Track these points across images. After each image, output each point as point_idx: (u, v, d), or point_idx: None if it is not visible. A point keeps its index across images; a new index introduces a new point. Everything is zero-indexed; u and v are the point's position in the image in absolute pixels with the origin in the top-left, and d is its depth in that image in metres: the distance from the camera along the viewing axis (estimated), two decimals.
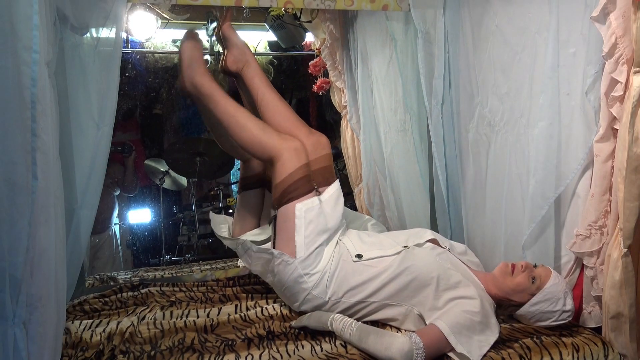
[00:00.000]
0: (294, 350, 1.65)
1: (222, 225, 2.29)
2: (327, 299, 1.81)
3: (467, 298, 1.65)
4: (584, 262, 1.76)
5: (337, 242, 1.93)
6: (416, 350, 1.50)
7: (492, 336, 1.61)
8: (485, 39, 2.14)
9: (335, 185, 2.02)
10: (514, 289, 1.72)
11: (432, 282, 1.70)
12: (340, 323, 1.69)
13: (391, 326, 1.82)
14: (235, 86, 4.23)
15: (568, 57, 1.74)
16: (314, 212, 1.86)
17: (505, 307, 1.80)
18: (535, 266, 1.76)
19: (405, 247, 1.86)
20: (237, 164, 4.54)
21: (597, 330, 1.71)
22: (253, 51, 4.05)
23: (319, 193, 1.92)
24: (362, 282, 1.80)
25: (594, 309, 1.77)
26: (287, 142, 1.95)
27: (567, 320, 1.72)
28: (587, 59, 1.67)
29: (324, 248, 1.87)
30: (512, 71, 2.01)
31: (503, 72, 2.05)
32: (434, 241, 1.94)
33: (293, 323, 1.81)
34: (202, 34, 3.57)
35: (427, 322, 1.68)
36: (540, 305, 1.69)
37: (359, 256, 1.85)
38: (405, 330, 1.75)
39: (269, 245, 1.98)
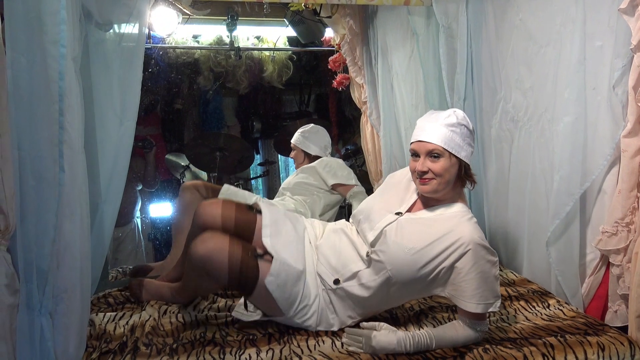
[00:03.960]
0: (315, 345, 1.65)
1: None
2: (338, 328, 1.76)
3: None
4: (610, 260, 1.73)
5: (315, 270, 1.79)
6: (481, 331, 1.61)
7: None
8: (509, 32, 2.11)
9: (266, 219, 1.81)
10: None
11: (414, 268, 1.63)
12: (412, 345, 1.56)
13: None
14: (255, 83, 4.26)
15: (594, 51, 1.71)
16: (282, 272, 1.68)
17: None
18: None
19: (367, 253, 1.70)
20: (257, 159, 4.57)
21: (624, 330, 1.68)
22: (272, 46, 4.08)
23: (264, 253, 1.71)
24: (359, 301, 1.72)
25: (620, 308, 1.74)
26: (204, 243, 1.67)
27: None
28: (614, 52, 1.63)
29: (305, 288, 1.73)
30: (537, 65, 1.98)
31: (527, 66, 2.02)
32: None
33: (351, 348, 1.62)
34: (223, 30, 3.60)
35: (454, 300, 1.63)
36: None
37: (336, 282, 1.72)
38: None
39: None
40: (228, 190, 2.55)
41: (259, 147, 4.70)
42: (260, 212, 1.86)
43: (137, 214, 3.93)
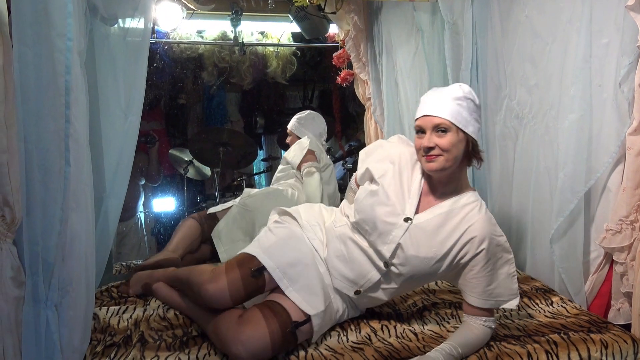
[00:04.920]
0: (322, 339, 1.66)
1: None
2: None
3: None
4: (614, 258, 1.73)
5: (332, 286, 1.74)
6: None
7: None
8: (514, 29, 2.10)
9: (275, 273, 1.66)
10: None
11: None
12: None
13: None
14: (259, 78, 4.25)
15: (601, 48, 1.70)
16: (321, 322, 1.63)
17: None
18: None
19: (385, 264, 1.64)
20: (261, 154, 4.57)
21: (627, 328, 1.68)
22: (276, 42, 4.08)
23: (302, 322, 1.59)
24: (380, 299, 1.73)
25: (623, 306, 1.74)
26: (245, 344, 1.52)
27: None
28: (621, 50, 1.63)
29: (333, 309, 1.72)
30: (542, 62, 1.97)
31: (532, 63, 2.02)
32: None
33: None
34: (227, 25, 3.60)
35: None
36: None
37: (357, 292, 1.69)
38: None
39: None
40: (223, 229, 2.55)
41: (262, 143, 4.71)
42: (263, 268, 1.66)
43: (141, 208, 3.94)
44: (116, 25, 2.01)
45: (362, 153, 1.83)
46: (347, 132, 4.77)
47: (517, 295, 1.61)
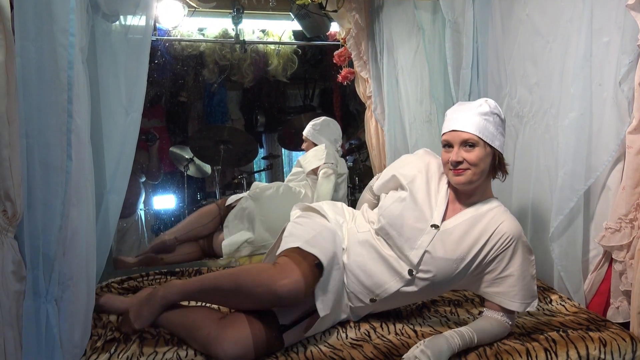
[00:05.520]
0: (321, 336, 1.66)
1: None
2: None
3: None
4: (613, 256, 1.73)
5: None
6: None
7: None
8: (515, 28, 2.10)
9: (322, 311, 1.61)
10: None
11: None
12: (459, 342, 1.52)
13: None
14: (260, 76, 4.26)
15: (601, 47, 1.71)
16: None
17: None
18: None
19: (410, 272, 1.64)
20: (261, 152, 4.58)
21: (625, 326, 1.69)
22: (277, 40, 4.09)
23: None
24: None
25: (622, 304, 1.74)
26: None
27: None
28: (621, 48, 1.63)
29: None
30: (543, 61, 1.97)
31: (533, 62, 2.02)
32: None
33: None
34: (228, 23, 3.60)
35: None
36: None
37: (372, 300, 1.70)
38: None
39: None
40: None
41: (262, 141, 4.71)
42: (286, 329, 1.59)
43: (141, 206, 3.94)
44: (117, 22, 2.02)
45: (388, 167, 1.89)
46: (347, 130, 4.77)
47: (537, 297, 1.64)
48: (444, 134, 1.64)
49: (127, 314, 1.69)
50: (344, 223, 1.84)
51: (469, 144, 1.58)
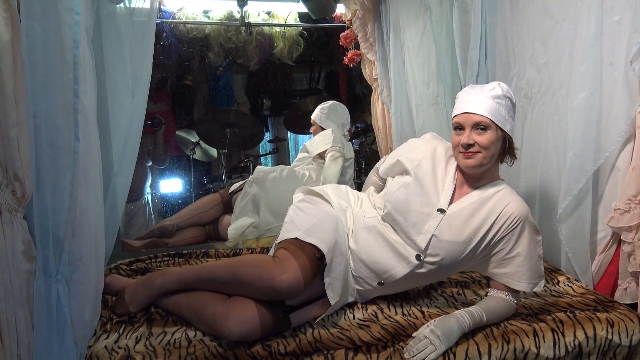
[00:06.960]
0: (328, 317, 1.67)
1: None
2: None
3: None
4: (622, 237, 1.73)
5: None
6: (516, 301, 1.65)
7: None
8: (524, 7, 2.07)
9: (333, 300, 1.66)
10: None
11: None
12: (470, 321, 1.51)
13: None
14: (266, 59, 4.24)
15: (612, 25, 1.68)
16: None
17: None
18: None
19: (417, 257, 1.64)
20: (267, 136, 4.57)
21: (633, 307, 1.69)
22: (283, 22, 4.05)
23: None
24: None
25: (630, 285, 1.74)
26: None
27: None
28: (632, 27, 1.60)
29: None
30: (552, 40, 1.94)
31: (542, 41, 1.99)
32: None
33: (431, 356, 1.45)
34: (233, 5, 3.58)
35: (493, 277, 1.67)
36: None
37: (380, 284, 1.71)
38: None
39: None
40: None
41: (268, 124, 4.69)
42: (290, 310, 1.60)
43: (148, 189, 3.96)
44: (122, 5, 2.00)
45: (394, 151, 1.87)
46: (354, 113, 4.74)
47: (543, 277, 1.65)
48: (455, 116, 1.63)
49: (122, 295, 1.71)
50: (347, 207, 1.84)
51: (480, 126, 1.57)
